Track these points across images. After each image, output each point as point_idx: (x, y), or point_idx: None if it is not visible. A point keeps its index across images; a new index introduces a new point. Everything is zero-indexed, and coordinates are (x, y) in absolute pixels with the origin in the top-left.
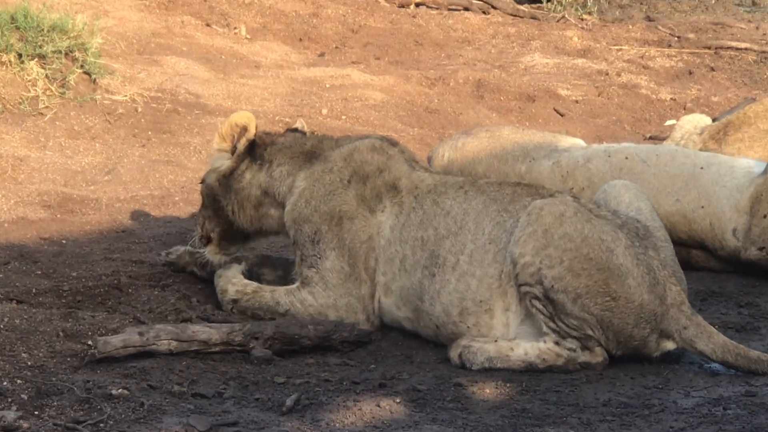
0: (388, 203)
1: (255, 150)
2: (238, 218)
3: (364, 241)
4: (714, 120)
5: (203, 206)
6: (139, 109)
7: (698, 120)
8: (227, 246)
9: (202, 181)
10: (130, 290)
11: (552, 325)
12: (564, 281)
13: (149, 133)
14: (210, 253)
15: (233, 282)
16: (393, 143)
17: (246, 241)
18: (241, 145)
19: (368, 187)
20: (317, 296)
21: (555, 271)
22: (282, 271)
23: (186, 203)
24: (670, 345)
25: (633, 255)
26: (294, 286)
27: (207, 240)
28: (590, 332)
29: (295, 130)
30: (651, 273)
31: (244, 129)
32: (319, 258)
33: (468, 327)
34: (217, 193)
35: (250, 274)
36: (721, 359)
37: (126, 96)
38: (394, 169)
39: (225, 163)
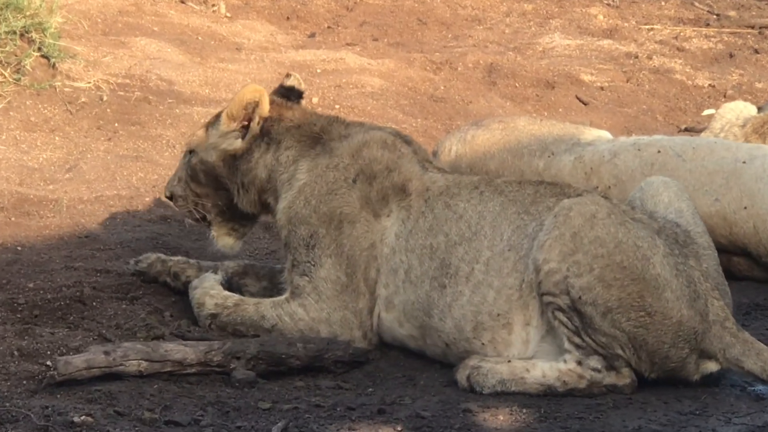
0: (395, 207)
1: (270, 127)
2: (241, 202)
3: (365, 249)
4: (759, 109)
5: (194, 180)
6: (105, 98)
7: (741, 109)
8: (235, 227)
9: (191, 152)
10: (94, 303)
11: (577, 340)
12: (593, 292)
13: (116, 124)
14: (218, 238)
15: (212, 294)
16: (407, 141)
17: (252, 221)
18: (255, 125)
19: (375, 188)
20: (309, 309)
21: (584, 280)
22: (267, 282)
23: (158, 204)
24: (712, 366)
25: (672, 265)
26: (282, 297)
27: (203, 219)
28: (619, 351)
29: (291, 89)
30: (691, 285)
31: (256, 105)
32: (314, 265)
33: (483, 344)
34: (220, 174)
35: (230, 285)
36: None
37: (89, 83)
38: (405, 169)
39: (234, 143)
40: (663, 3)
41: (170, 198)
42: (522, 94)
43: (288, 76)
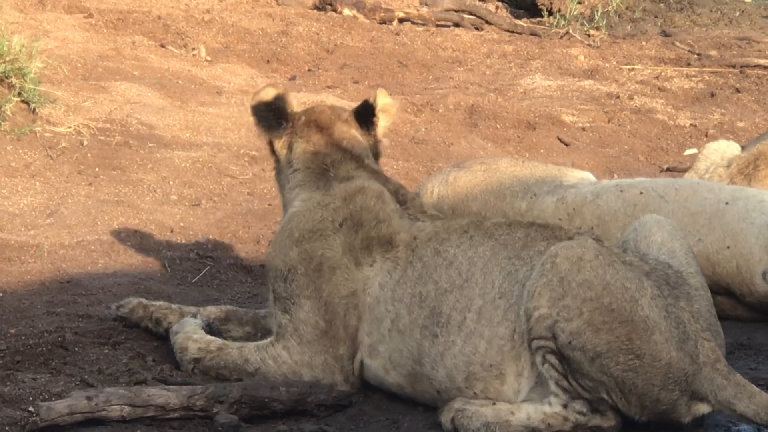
0: (379, 258)
1: (293, 142)
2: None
3: (344, 297)
4: (743, 149)
5: None
6: (85, 143)
7: (725, 148)
8: None
9: None
10: (76, 349)
11: (564, 384)
12: (583, 337)
13: (96, 169)
14: None
15: (195, 339)
16: (402, 200)
17: None
18: (260, 129)
19: (360, 236)
20: (291, 352)
21: (573, 324)
22: (251, 327)
23: (139, 249)
24: (703, 408)
25: (660, 306)
26: (267, 341)
27: None
28: (605, 396)
29: (366, 104)
30: (681, 327)
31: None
32: (293, 304)
33: (475, 393)
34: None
35: (210, 330)
36: (766, 422)
37: (70, 127)
38: (395, 223)
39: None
40: (644, 43)
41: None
42: (503, 135)
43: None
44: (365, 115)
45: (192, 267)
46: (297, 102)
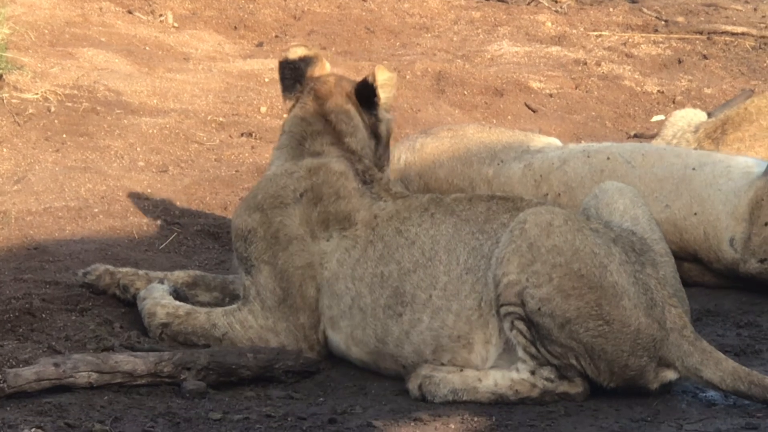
0: (336, 234)
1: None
2: None
3: (299, 267)
4: (709, 115)
5: None
6: (52, 109)
7: (692, 116)
8: None
9: None
10: (43, 315)
11: (532, 350)
12: (552, 303)
13: (64, 135)
14: None
15: (163, 304)
16: (367, 180)
17: None
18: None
19: (317, 209)
20: (257, 315)
21: (543, 290)
22: (218, 292)
23: (107, 216)
24: (670, 374)
25: (629, 272)
26: (233, 306)
27: None
28: (573, 362)
29: (365, 83)
30: (648, 293)
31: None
32: (253, 267)
33: (443, 364)
34: None
35: (177, 296)
36: (732, 388)
37: (37, 94)
38: (354, 200)
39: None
40: (611, 9)
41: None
42: (471, 101)
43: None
44: (366, 93)
45: (159, 233)
46: (325, 66)
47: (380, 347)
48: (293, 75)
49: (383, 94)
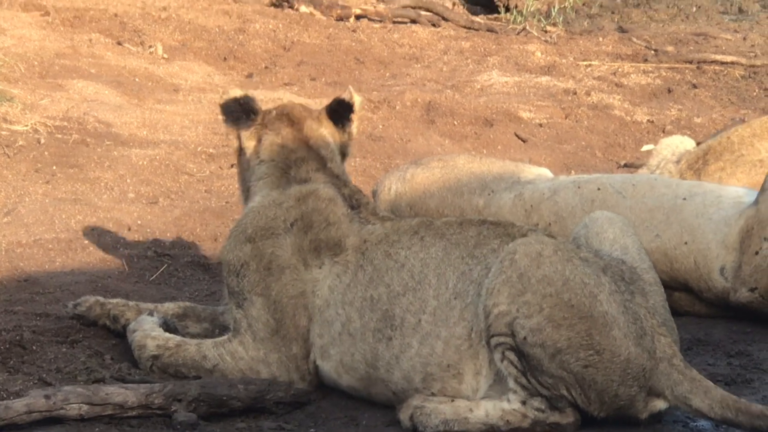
0: (328, 261)
1: (261, 133)
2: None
3: (292, 297)
4: (698, 144)
5: None
6: (42, 141)
7: (678, 144)
8: None
9: None
10: (34, 347)
11: (522, 381)
12: (543, 333)
13: (54, 167)
14: None
15: (152, 336)
16: (355, 205)
17: None
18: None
19: (308, 237)
20: (247, 347)
21: (533, 320)
22: (209, 324)
23: (97, 247)
24: (660, 404)
25: (619, 302)
26: (224, 338)
27: None
28: (564, 392)
29: (341, 101)
30: (638, 322)
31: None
32: (245, 299)
33: (433, 393)
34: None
35: (167, 327)
36: (720, 417)
37: (27, 126)
38: (344, 226)
39: (233, 141)
40: (601, 39)
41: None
42: (461, 131)
43: (345, 90)
44: (340, 112)
45: (150, 265)
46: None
47: (370, 372)
48: (243, 109)
49: (358, 113)
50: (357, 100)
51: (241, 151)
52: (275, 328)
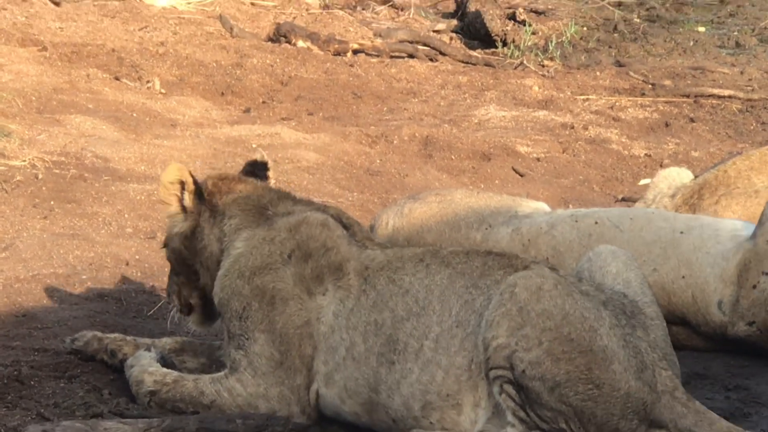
0: (331, 286)
1: (212, 199)
2: (207, 281)
3: (298, 327)
4: (696, 176)
5: (174, 272)
6: (40, 176)
7: (675, 176)
8: (208, 317)
9: (165, 245)
10: (32, 382)
11: (521, 414)
12: (542, 367)
13: (52, 202)
14: (194, 324)
15: (150, 371)
16: (347, 224)
17: None
18: (189, 200)
19: (309, 266)
20: (246, 384)
21: (532, 354)
22: (206, 359)
23: (95, 282)
24: None
25: (619, 336)
26: (221, 373)
27: (188, 308)
28: (563, 426)
29: (255, 163)
30: (639, 356)
31: (182, 183)
32: (247, 339)
33: (431, 423)
34: (186, 257)
35: (165, 363)
36: None
37: (24, 161)
38: (343, 249)
39: (182, 225)
40: (598, 73)
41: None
42: (458, 166)
43: (255, 151)
44: (255, 173)
45: (147, 300)
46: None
47: (373, 397)
48: (182, 186)
49: (272, 170)
50: (268, 159)
51: (192, 223)
52: (279, 360)
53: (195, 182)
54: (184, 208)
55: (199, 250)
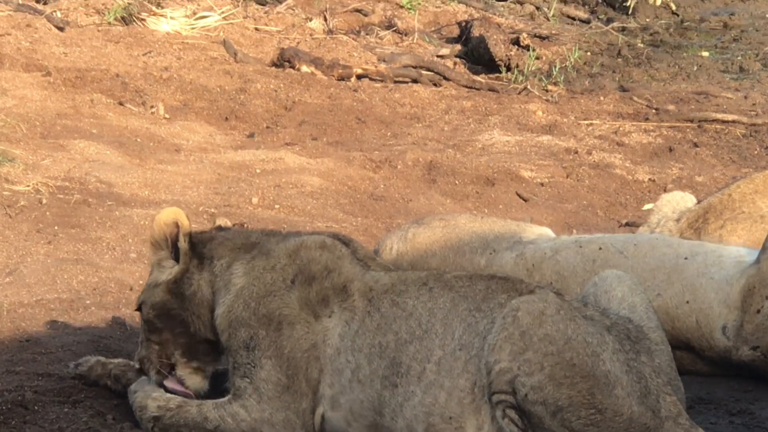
0: (337, 308)
1: (197, 248)
2: (198, 329)
3: (305, 350)
4: (699, 201)
5: (150, 333)
6: (44, 201)
7: (679, 200)
8: (200, 363)
9: (139, 308)
10: (36, 407)
11: None
12: (544, 391)
13: (56, 227)
14: (191, 382)
15: (153, 397)
16: (345, 242)
17: (215, 352)
18: (183, 243)
19: (314, 289)
20: (250, 410)
21: (534, 378)
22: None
23: (99, 307)
24: None
25: (622, 361)
26: (224, 399)
27: (169, 368)
28: None
29: (220, 229)
30: (642, 381)
31: (176, 225)
32: (254, 367)
33: None
34: (171, 307)
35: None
36: None
37: (29, 186)
38: (346, 270)
39: (172, 270)
40: (602, 98)
41: (140, 369)
42: (462, 191)
43: (214, 221)
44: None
45: None
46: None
47: (377, 420)
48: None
49: None
50: (230, 224)
51: (186, 271)
52: (287, 385)
53: (188, 225)
54: (175, 252)
55: (188, 296)
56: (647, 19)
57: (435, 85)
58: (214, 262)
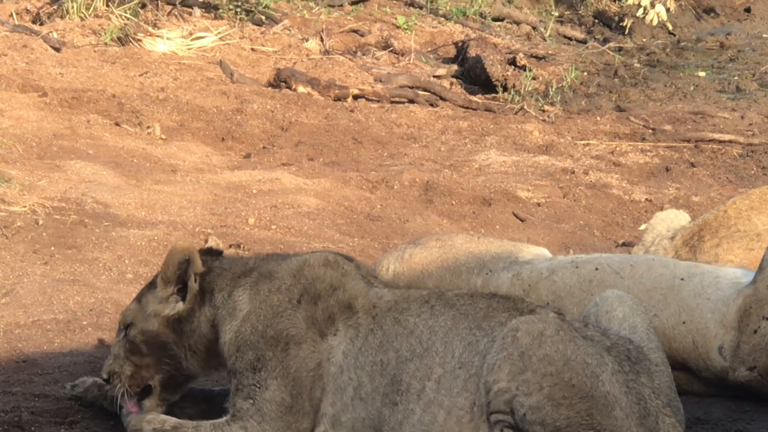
0: (342, 326)
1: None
2: (191, 364)
3: (311, 369)
4: (693, 219)
5: (135, 354)
6: (41, 222)
7: (673, 218)
8: (169, 395)
9: (128, 326)
10: (32, 428)
11: None
12: (542, 412)
13: (52, 248)
14: (152, 408)
15: (148, 419)
16: (348, 258)
17: (188, 384)
18: (194, 284)
19: (320, 307)
20: (250, 430)
21: (533, 399)
22: (206, 405)
23: (95, 328)
24: None
25: (621, 382)
26: (222, 420)
27: (146, 390)
28: None
29: (210, 250)
30: (641, 402)
31: (188, 263)
32: (258, 387)
33: None
34: (166, 340)
35: (164, 409)
36: None
37: (25, 207)
38: (350, 287)
39: (176, 306)
40: (598, 118)
41: (107, 380)
42: (459, 211)
43: (206, 241)
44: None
45: None
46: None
47: None
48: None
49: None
50: (222, 246)
51: (189, 312)
52: (290, 404)
53: (201, 264)
54: (182, 290)
55: (186, 332)
56: (644, 39)
57: (431, 105)
58: (214, 294)
